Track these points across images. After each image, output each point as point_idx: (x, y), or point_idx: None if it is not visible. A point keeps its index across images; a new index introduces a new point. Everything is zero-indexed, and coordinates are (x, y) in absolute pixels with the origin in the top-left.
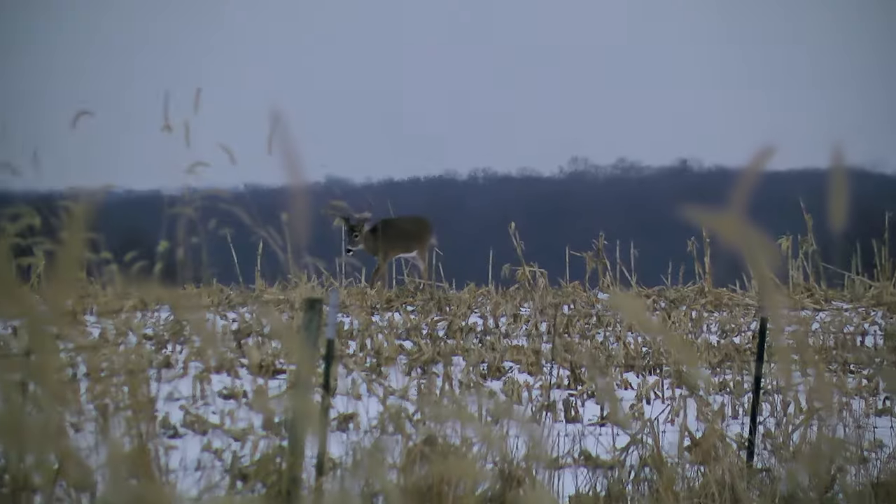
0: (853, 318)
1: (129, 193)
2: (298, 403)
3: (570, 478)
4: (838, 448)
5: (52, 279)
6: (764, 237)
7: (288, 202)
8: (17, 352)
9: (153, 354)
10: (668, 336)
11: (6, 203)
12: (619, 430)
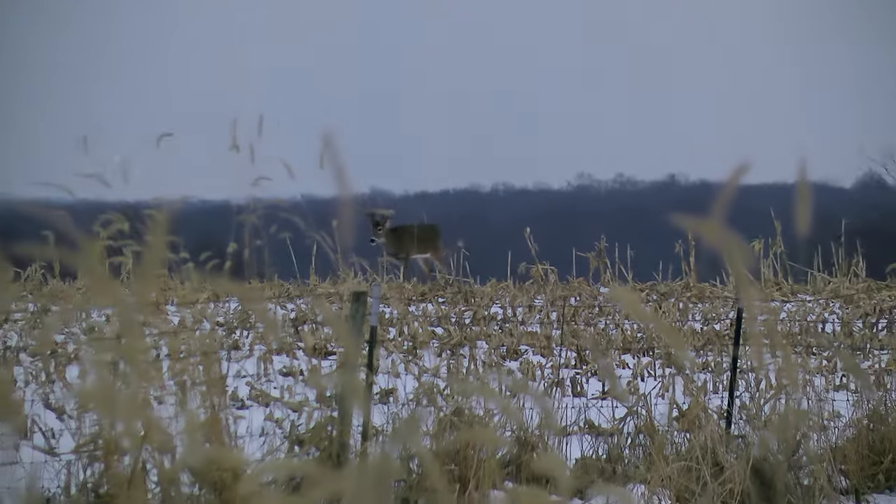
0: (815, 309)
1: (203, 203)
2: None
3: (576, 443)
4: (802, 418)
5: (139, 275)
6: (739, 240)
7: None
8: (110, 336)
9: (224, 339)
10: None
11: (100, 210)
12: (617, 403)
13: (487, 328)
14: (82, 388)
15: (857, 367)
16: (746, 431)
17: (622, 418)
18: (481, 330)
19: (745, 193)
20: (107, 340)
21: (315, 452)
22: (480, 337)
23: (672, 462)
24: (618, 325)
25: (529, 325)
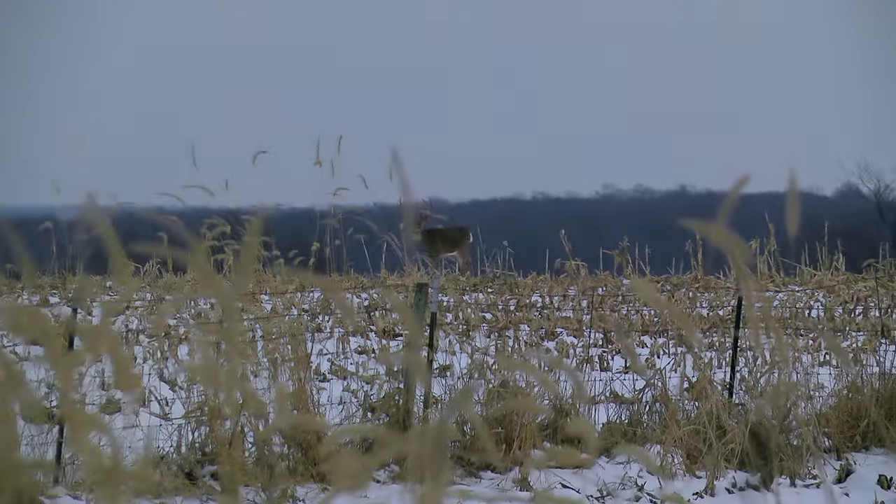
0: (802, 297)
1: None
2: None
3: (603, 411)
4: (792, 389)
5: (238, 269)
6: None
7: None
8: (214, 320)
9: (308, 323)
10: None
11: (205, 215)
12: (637, 376)
13: (528, 314)
14: (191, 364)
15: (837, 347)
16: (745, 400)
17: (641, 389)
18: (523, 315)
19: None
20: (211, 324)
21: (384, 418)
22: (523, 321)
23: (683, 426)
24: (637, 311)
25: (564, 311)
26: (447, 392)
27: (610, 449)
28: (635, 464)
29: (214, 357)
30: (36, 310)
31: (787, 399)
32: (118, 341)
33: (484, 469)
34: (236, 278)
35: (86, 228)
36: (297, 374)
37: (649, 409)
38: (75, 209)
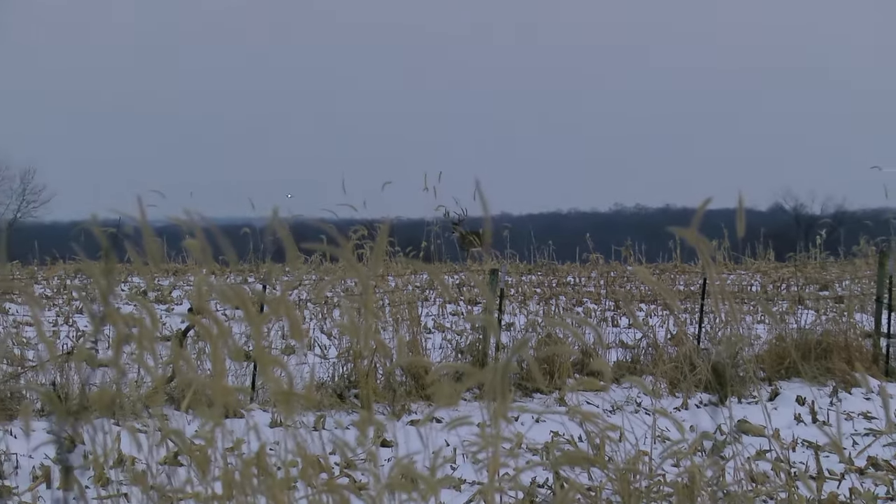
0: (746, 278)
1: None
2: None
3: (614, 354)
4: (739, 339)
5: (372, 260)
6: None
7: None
8: (356, 293)
9: (419, 295)
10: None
11: (351, 224)
12: (637, 331)
13: (564, 289)
14: (341, 322)
15: (769, 310)
16: (708, 346)
17: (639, 339)
18: (561, 290)
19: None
20: (354, 296)
21: (469, 358)
22: (561, 294)
23: (667, 363)
24: (637, 287)
25: (588, 287)
26: (511, 341)
27: (619, 379)
28: (636, 388)
29: (356, 318)
30: (238, 286)
31: (736, 345)
32: (293, 307)
33: (535, 392)
34: (371, 265)
35: (271, 232)
36: (411, 328)
37: (644, 353)
38: (265, 219)
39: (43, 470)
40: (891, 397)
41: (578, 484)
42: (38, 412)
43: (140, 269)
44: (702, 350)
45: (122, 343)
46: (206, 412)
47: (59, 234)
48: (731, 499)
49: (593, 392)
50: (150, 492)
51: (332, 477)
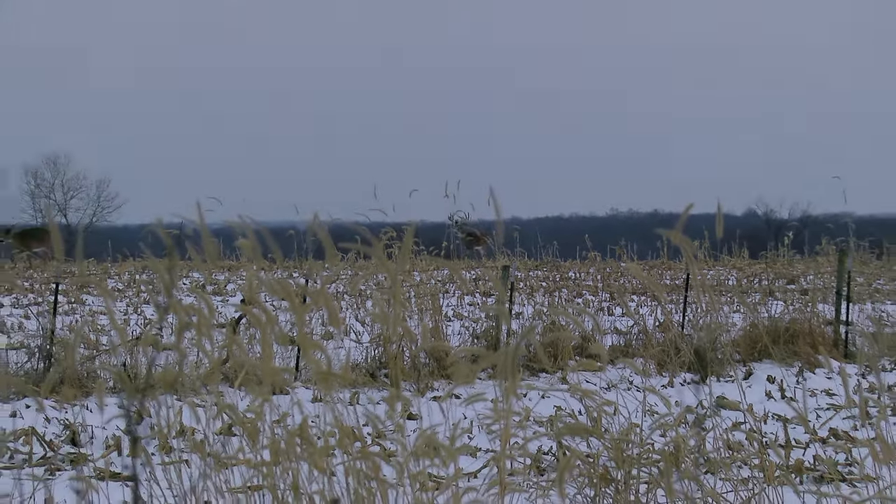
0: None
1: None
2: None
3: (609, 339)
4: (718, 326)
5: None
6: (688, 240)
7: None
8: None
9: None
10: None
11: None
12: (629, 319)
13: (566, 283)
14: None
15: (744, 301)
16: (691, 332)
17: (631, 326)
18: (563, 283)
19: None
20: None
21: (484, 343)
22: (563, 287)
23: (655, 347)
24: (629, 281)
25: (587, 281)
26: (520, 328)
27: (613, 360)
28: (628, 369)
29: (386, 307)
30: (284, 281)
31: (715, 332)
32: (331, 298)
33: (541, 372)
34: (399, 262)
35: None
36: (434, 317)
37: (636, 338)
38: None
39: (114, 440)
40: (849, 377)
41: (579, 452)
42: (110, 389)
43: (199, 265)
44: (685, 336)
45: (184, 330)
46: (256, 389)
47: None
48: (710, 464)
49: (591, 372)
50: (208, 458)
51: (365, 446)
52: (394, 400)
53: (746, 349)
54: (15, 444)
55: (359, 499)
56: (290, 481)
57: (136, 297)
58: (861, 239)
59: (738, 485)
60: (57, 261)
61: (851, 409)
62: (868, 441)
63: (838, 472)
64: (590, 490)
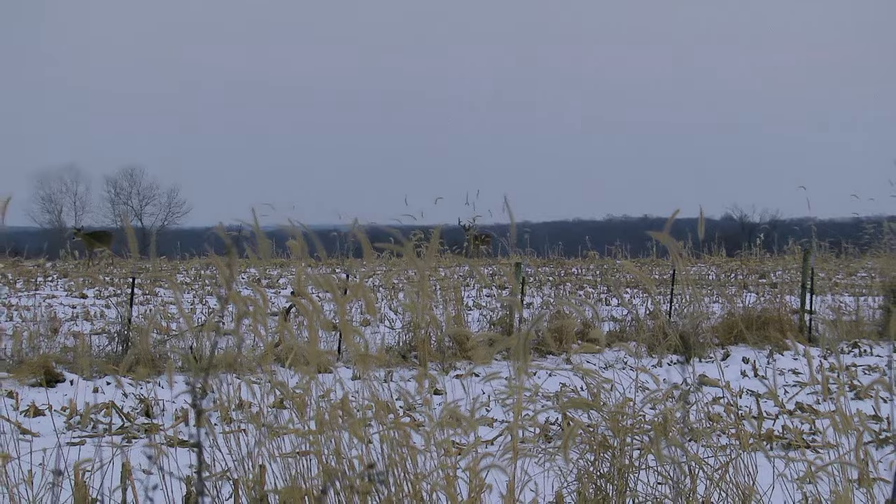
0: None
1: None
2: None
3: (606, 325)
4: (700, 315)
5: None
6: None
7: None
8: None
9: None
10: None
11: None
12: (624, 309)
13: (570, 277)
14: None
15: (723, 293)
16: (677, 320)
17: (625, 315)
18: (567, 278)
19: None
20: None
21: (499, 329)
22: (567, 281)
23: (646, 333)
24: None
25: (587, 276)
26: (530, 316)
27: (610, 344)
28: (623, 351)
29: (416, 298)
30: (328, 275)
31: (697, 319)
32: (368, 291)
33: (548, 354)
34: (426, 260)
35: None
36: (456, 306)
37: (629, 325)
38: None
39: (182, 412)
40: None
41: (580, 422)
42: (178, 369)
43: (255, 262)
44: (672, 323)
45: (242, 317)
46: (303, 369)
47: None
48: (694, 433)
49: (591, 354)
50: (262, 428)
51: (398, 417)
52: (422, 378)
53: (724, 334)
54: (97, 415)
55: (392, 463)
56: (332, 448)
57: (201, 290)
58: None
59: (717, 451)
60: (133, 258)
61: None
62: (829, 413)
63: (803, 440)
64: (590, 455)
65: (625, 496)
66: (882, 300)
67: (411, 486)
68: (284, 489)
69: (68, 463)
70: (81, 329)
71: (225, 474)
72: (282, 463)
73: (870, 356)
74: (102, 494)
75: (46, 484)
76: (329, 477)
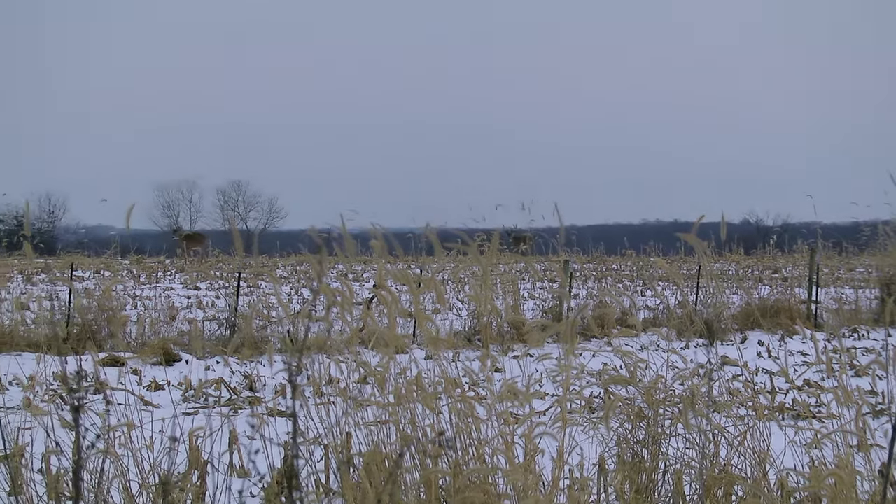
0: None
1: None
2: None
3: (642, 313)
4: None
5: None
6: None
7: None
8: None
9: (519, 275)
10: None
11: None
12: (657, 299)
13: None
14: (469, 293)
15: (741, 285)
16: (702, 309)
17: (658, 304)
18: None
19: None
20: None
21: (550, 316)
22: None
23: (675, 320)
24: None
25: (625, 271)
26: (577, 305)
27: (645, 329)
28: (656, 335)
29: (479, 290)
30: (405, 271)
31: (719, 308)
32: (439, 284)
33: (592, 338)
34: (488, 257)
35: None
36: (514, 297)
37: (661, 313)
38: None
39: (280, 387)
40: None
41: (620, 396)
42: (277, 350)
43: (342, 260)
44: (698, 311)
45: (331, 306)
46: (384, 350)
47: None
48: (716, 405)
49: (629, 338)
50: (349, 400)
51: (464, 392)
52: (485, 358)
53: (742, 321)
54: (208, 389)
55: (459, 430)
56: (408, 417)
57: (297, 283)
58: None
59: (736, 420)
60: (239, 256)
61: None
62: (832, 388)
63: (810, 412)
64: (628, 424)
65: (657, 459)
66: (878, 292)
67: (475, 450)
68: (367, 453)
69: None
70: (195, 316)
71: (317, 440)
72: (365, 430)
73: (867, 340)
74: (212, 457)
75: (165, 448)
76: (405, 442)
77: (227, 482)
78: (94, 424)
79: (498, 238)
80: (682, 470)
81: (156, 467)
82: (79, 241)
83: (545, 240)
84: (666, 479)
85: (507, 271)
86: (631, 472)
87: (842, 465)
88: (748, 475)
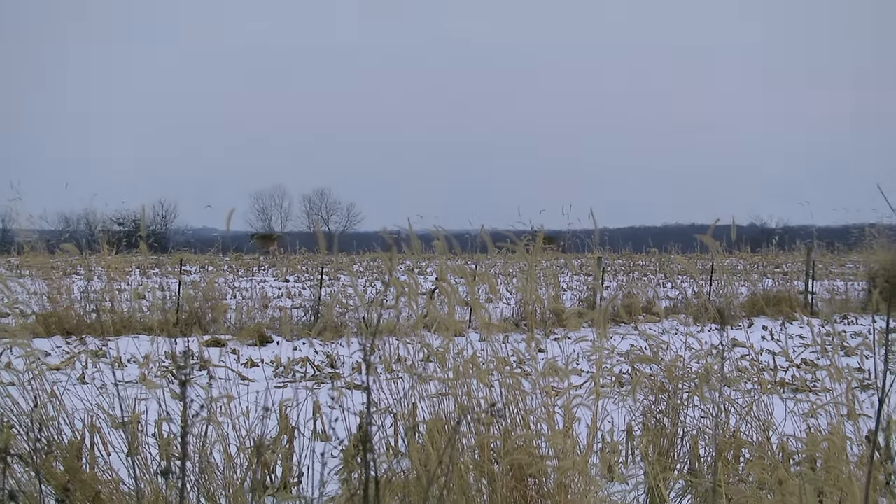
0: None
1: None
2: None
3: (664, 302)
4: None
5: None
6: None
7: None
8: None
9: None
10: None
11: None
12: (676, 290)
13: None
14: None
15: (748, 278)
16: (716, 298)
17: (678, 295)
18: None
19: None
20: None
21: (586, 305)
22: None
23: (693, 308)
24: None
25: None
26: (608, 295)
27: (667, 316)
28: (676, 321)
29: (525, 282)
30: (462, 266)
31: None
32: (491, 277)
33: (621, 323)
34: (533, 255)
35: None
36: (555, 289)
37: (681, 302)
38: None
39: (356, 364)
40: (814, 326)
41: (645, 373)
42: (354, 333)
43: (409, 256)
44: (711, 300)
45: (399, 296)
46: (444, 333)
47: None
48: (727, 381)
49: (653, 323)
50: (414, 376)
51: (512, 369)
52: (530, 340)
53: (749, 309)
54: (296, 366)
55: (508, 402)
56: (465, 391)
57: (371, 277)
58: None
59: (744, 394)
60: (322, 254)
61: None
62: (826, 366)
63: (807, 386)
64: (652, 396)
65: (677, 427)
66: (865, 284)
67: (522, 418)
68: (430, 420)
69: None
70: (285, 304)
71: (387, 410)
72: (428, 402)
73: (856, 325)
74: (299, 424)
75: (259, 416)
76: (462, 412)
77: (311, 445)
78: (198, 396)
79: (542, 237)
80: (697, 436)
81: (251, 432)
82: (187, 241)
83: (581, 240)
84: (684, 444)
85: (549, 266)
86: (654, 437)
87: (834, 432)
88: (754, 440)
